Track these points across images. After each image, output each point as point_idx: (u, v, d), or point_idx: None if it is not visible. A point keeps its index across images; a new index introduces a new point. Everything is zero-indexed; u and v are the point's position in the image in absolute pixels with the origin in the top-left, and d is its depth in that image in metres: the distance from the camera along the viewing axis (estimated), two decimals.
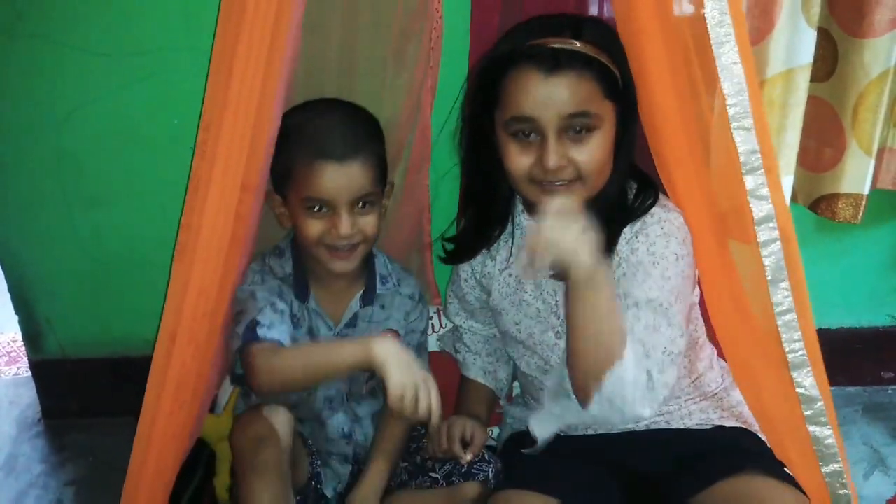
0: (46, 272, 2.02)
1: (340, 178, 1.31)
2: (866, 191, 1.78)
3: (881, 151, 1.81)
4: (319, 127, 1.31)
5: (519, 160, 1.29)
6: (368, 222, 1.37)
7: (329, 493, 1.52)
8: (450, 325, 1.71)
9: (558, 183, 1.28)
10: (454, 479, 1.45)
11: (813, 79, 1.66)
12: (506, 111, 1.28)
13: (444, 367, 1.67)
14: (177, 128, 1.82)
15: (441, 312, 1.86)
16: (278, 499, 1.33)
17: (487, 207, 1.44)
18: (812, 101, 1.70)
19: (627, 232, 1.33)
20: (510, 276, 1.46)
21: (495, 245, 1.48)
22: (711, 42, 1.16)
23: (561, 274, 1.21)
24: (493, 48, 1.34)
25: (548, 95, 1.23)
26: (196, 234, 1.23)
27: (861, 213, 1.79)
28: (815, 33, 1.61)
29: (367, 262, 1.48)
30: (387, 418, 1.54)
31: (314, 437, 1.53)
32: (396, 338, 1.49)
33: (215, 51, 1.22)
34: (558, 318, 1.40)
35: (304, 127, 1.32)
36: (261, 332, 1.33)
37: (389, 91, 1.69)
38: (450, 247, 1.54)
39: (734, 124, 1.19)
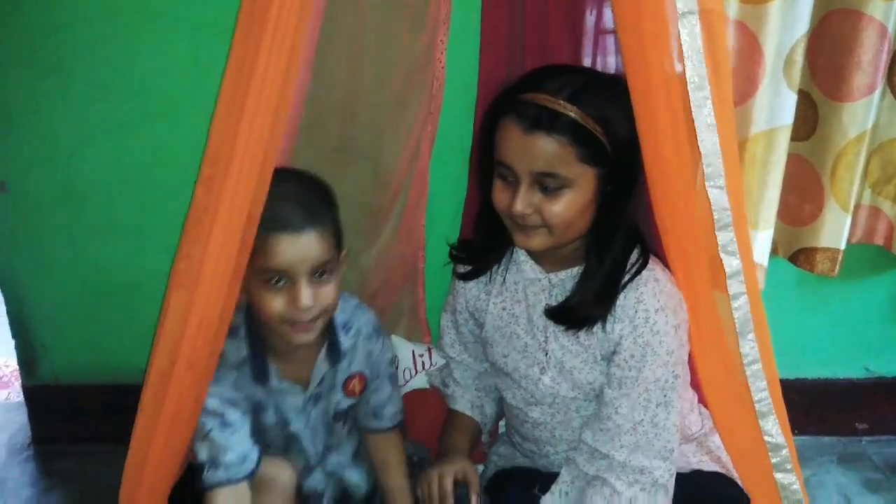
0: (46, 299, 2.06)
1: (298, 248, 1.30)
2: (843, 246, 1.85)
3: (857, 208, 1.89)
4: (274, 199, 1.28)
5: (499, 197, 1.36)
6: (327, 293, 1.34)
7: None
8: (440, 363, 1.74)
9: (525, 228, 1.35)
10: None
11: (794, 138, 1.74)
12: (496, 153, 1.35)
13: (430, 402, 1.72)
14: (181, 164, 1.83)
15: (431, 350, 1.90)
16: None
17: (496, 226, 1.47)
18: (793, 158, 1.78)
19: (624, 301, 1.37)
20: (503, 309, 1.51)
21: (490, 278, 1.54)
22: (691, 104, 1.21)
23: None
24: (499, 93, 1.39)
25: (522, 150, 1.29)
26: (199, 264, 1.24)
27: (838, 267, 1.86)
28: (796, 96, 1.68)
29: None
30: (383, 444, 1.57)
31: None
32: (362, 381, 1.51)
33: (224, 86, 1.24)
34: (545, 355, 1.45)
35: None
36: (207, 476, 1.34)
37: (390, 135, 1.77)
38: (463, 269, 1.57)
39: (709, 183, 1.24)
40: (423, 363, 1.88)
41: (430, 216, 1.94)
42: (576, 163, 1.28)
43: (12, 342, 2.13)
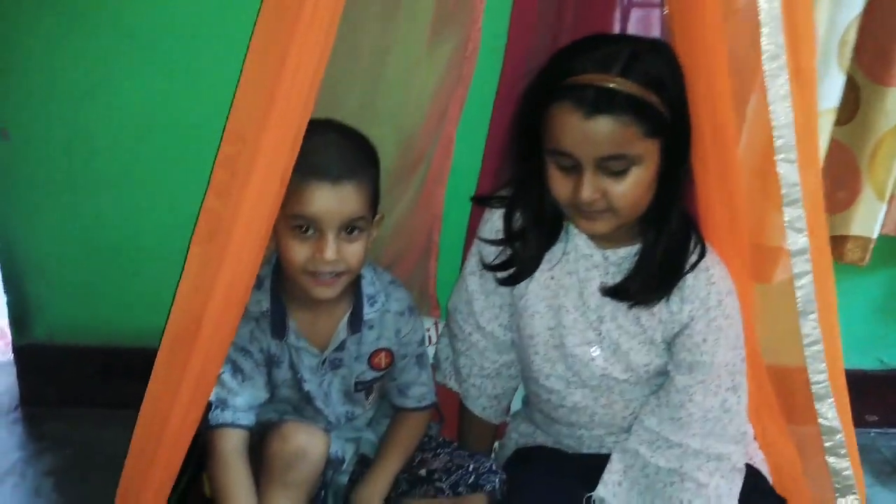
0: (42, 253, 2.00)
1: (332, 199, 1.28)
2: (875, 234, 1.84)
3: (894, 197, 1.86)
4: (316, 145, 1.27)
5: (560, 185, 1.30)
6: (354, 251, 1.33)
7: (330, 500, 1.50)
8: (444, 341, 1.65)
9: (590, 213, 1.30)
10: (461, 489, 1.44)
11: (834, 122, 1.72)
12: (548, 141, 1.29)
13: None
14: (193, 117, 1.82)
15: (438, 325, 1.85)
16: None
17: (539, 221, 1.43)
18: (831, 143, 1.75)
19: (694, 282, 1.35)
20: (552, 277, 1.44)
21: None
22: (765, 75, 1.18)
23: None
24: (540, 73, 1.32)
25: (585, 137, 1.23)
26: (230, 223, 1.19)
27: (868, 257, 1.85)
28: (845, 78, 1.66)
29: (353, 282, 1.44)
30: (399, 421, 1.54)
31: None
32: (389, 356, 1.49)
33: (265, 40, 1.18)
34: (598, 334, 1.40)
35: (302, 143, 1.28)
36: (213, 416, 1.36)
37: (416, 98, 1.70)
38: (503, 274, 1.47)
39: (779, 156, 1.22)
40: (429, 337, 1.83)
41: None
42: (641, 139, 1.23)
43: (3, 299, 2.06)
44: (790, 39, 1.17)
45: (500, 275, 1.46)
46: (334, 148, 1.32)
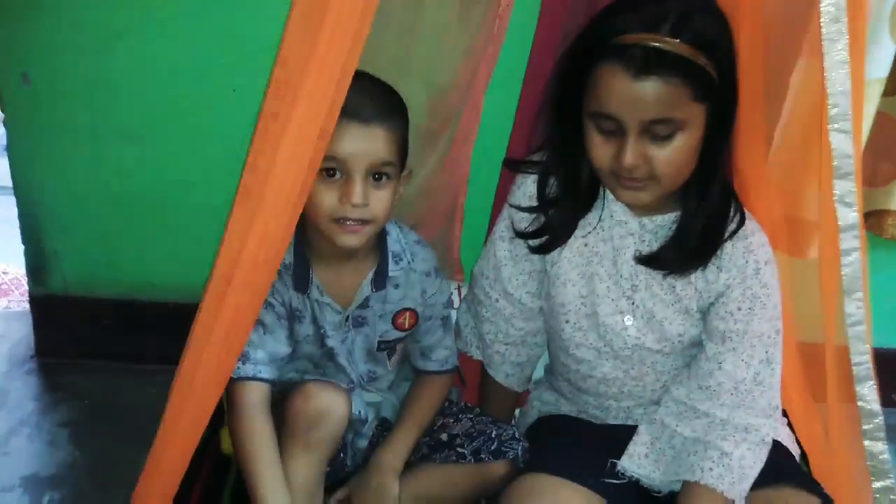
0: (62, 203, 1.97)
1: (361, 140, 1.27)
2: None
3: None
4: (349, 89, 1.23)
5: (600, 151, 1.26)
6: (381, 198, 1.31)
7: (349, 462, 1.50)
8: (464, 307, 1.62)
9: (631, 182, 1.26)
10: (483, 456, 1.42)
11: (882, 93, 1.66)
12: (590, 103, 1.25)
13: None
14: (223, 66, 1.78)
15: (461, 289, 1.82)
16: (316, 480, 1.35)
17: (574, 188, 1.39)
18: (877, 114, 1.70)
19: (732, 250, 1.33)
20: (585, 245, 1.40)
21: None
22: (823, 38, 1.13)
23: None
24: (582, 33, 1.28)
25: (632, 99, 1.19)
26: (264, 177, 1.15)
27: None
28: (895, 48, 1.61)
29: (379, 239, 1.43)
30: (421, 384, 1.53)
31: None
32: (413, 317, 1.47)
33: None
34: (631, 304, 1.37)
35: None
36: (234, 369, 1.33)
37: (448, 54, 1.65)
38: (535, 242, 1.43)
39: (833, 125, 1.17)
40: (452, 301, 1.81)
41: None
42: (689, 103, 1.19)
43: (19, 248, 2.04)
44: (850, 4, 1.12)
45: (533, 242, 1.42)
46: (366, 92, 1.29)
